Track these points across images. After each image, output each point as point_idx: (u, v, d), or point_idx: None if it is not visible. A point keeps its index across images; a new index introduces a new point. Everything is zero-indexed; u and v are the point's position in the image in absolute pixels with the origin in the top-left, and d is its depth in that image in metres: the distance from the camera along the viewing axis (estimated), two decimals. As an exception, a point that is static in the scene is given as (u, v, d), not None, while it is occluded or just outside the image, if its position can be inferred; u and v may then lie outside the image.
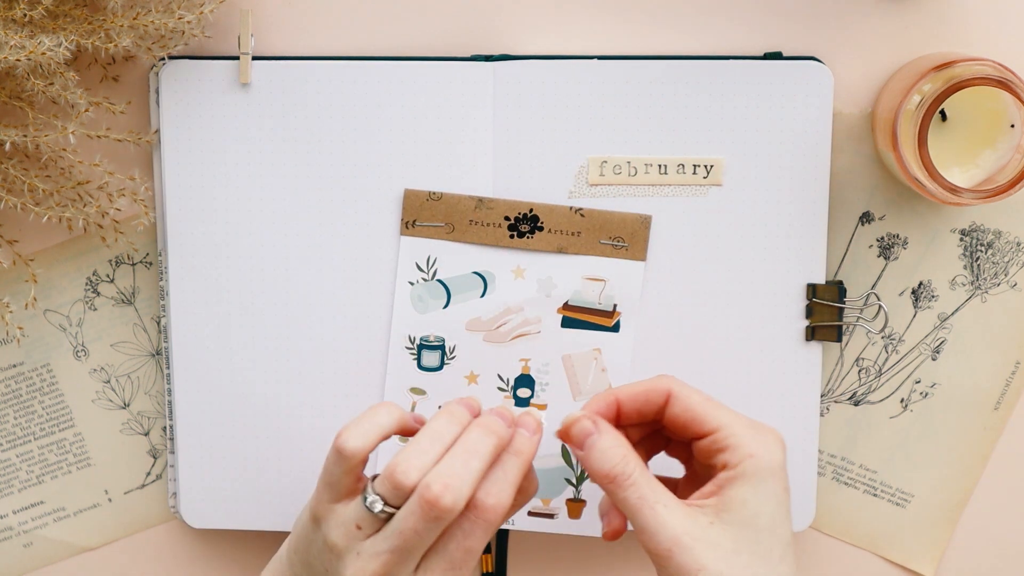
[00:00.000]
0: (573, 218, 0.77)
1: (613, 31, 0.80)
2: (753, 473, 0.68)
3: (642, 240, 0.77)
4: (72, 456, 0.83)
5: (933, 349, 0.82)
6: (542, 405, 0.79)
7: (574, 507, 0.80)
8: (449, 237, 0.77)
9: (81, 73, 0.79)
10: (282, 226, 0.80)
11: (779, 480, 0.69)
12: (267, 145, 0.79)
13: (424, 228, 0.75)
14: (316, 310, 0.80)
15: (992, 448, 0.83)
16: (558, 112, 0.79)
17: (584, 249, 0.78)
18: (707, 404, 0.70)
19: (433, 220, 0.76)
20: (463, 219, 0.77)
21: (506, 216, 0.77)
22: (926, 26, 0.80)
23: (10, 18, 0.73)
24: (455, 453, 0.67)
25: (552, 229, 0.77)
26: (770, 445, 0.69)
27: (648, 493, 0.68)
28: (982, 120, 0.76)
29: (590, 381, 0.79)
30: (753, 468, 0.68)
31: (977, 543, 0.84)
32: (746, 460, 0.68)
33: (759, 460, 0.68)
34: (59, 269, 0.82)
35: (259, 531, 0.84)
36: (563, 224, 0.77)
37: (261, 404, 0.81)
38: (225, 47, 0.80)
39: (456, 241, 0.78)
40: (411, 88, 0.78)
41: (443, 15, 0.80)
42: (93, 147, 0.80)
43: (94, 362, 0.83)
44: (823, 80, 0.78)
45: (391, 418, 0.69)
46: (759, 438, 0.69)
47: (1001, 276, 0.82)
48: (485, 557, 0.84)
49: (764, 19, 0.80)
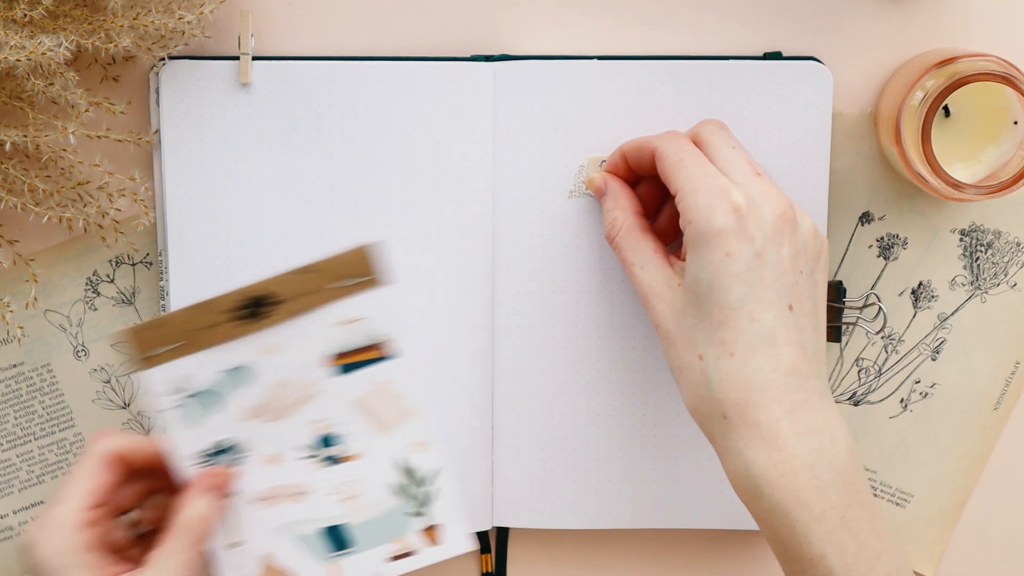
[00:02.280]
0: (300, 279, 0.74)
1: (613, 31, 0.80)
2: (691, 240, 0.70)
3: (377, 267, 0.74)
4: (72, 456, 0.83)
5: (933, 349, 0.82)
6: (353, 455, 0.76)
7: (430, 534, 0.77)
8: (189, 351, 0.74)
9: (81, 73, 0.79)
10: (282, 226, 0.80)
11: (718, 245, 0.69)
12: (267, 145, 0.79)
13: (160, 355, 0.74)
14: (316, 310, 0.80)
15: (992, 448, 0.83)
16: (558, 112, 0.79)
17: (326, 299, 0.74)
18: (677, 166, 0.72)
19: (166, 343, 0.74)
20: (193, 329, 0.74)
21: (233, 308, 0.73)
22: (926, 26, 0.80)
23: (10, 18, 0.73)
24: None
25: (286, 298, 0.74)
26: (710, 209, 0.69)
27: (627, 255, 0.74)
28: (985, 116, 0.76)
29: (394, 411, 0.76)
30: (691, 235, 0.70)
31: (977, 543, 0.84)
32: (687, 227, 0.70)
33: (694, 227, 0.69)
34: (59, 269, 0.82)
35: (259, 531, 0.84)
36: (294, 288, 0.74)
37: (261, 404, 0.81)
38: (225, 47, 0.80)
39: (198, 351, 0.74)
40: (411, 88, 0.78)
41: (443, 15, 0.80)
42: (93, 147, 0.80)
43: (94, 362, 0.83)
44: (823, 80, 0.78)
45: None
46: (702, 202, 0.69)
47: (1001, 276, 0.82)
48: (485, 557, 0.84)
49: (764, 19, 0.80)
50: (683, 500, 0.81)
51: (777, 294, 0.69)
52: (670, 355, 0.71)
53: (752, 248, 0.69)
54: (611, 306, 0.80)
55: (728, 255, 0.68)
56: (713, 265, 0.69)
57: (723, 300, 0.69)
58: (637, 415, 0.81)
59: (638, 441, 0.81)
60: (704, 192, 0.69)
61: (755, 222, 0.69)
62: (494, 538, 0.84)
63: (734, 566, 0.84)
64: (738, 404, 0.68)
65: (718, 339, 0.69)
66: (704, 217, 0.69)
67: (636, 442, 0.81)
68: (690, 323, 0.70)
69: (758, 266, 0.69)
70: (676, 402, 0.80)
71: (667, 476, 0.81)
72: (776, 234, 0.69)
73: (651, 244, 0.74)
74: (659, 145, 0.73)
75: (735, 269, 0.68)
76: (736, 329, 0.68)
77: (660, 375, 0.80)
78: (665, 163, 0.72)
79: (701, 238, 0.69)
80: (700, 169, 0.71)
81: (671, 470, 0.81)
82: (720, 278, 0.69)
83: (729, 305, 0.69)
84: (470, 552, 0.83)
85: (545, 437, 0.81)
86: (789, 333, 0.69)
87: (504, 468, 0.81)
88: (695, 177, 0.70)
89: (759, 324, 0.68)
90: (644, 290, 0.73)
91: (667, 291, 0.72)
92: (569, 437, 0.81)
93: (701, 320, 0.69)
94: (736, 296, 0.68)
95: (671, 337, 0.71)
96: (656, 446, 0.81)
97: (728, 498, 0.81)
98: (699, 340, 0.69)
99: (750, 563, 0.84)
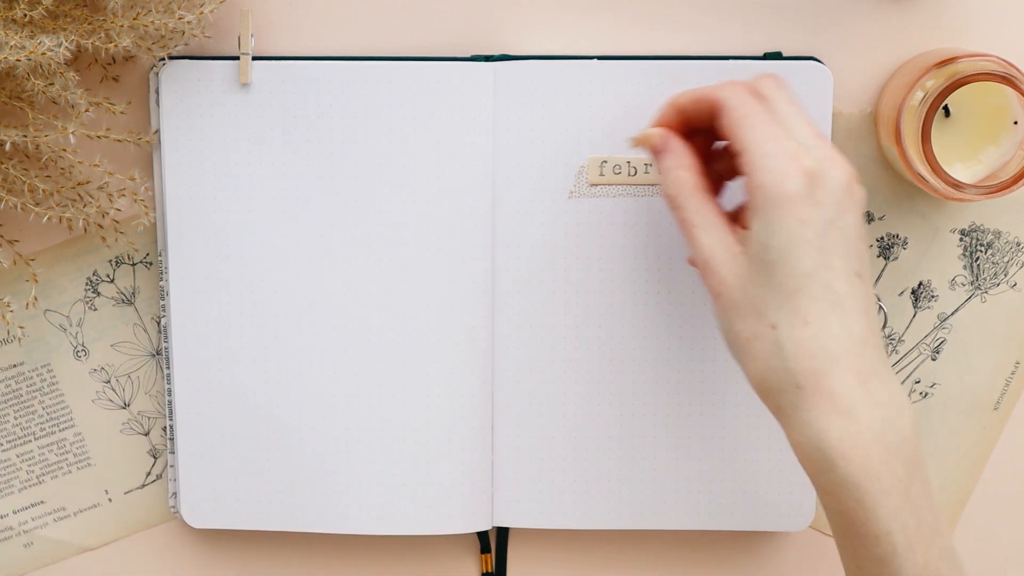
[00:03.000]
0: None
1: (613, 31, 0.80)
2: (761, 205, 0.67)
3: None
4: (72, 456, 0.83)
5: (933, 349, 0.82)
6: None
7: None
8: None
9: (81, 73, 0.79)
10: (282, 226, 0.80)
11: (791, 212, 0.67)
12: (267, 145, 0.79)
13: None
14: (316, 310, 0.80)
15: (992, 448, 0.83)
16: (558, 112, 0.79)
17: None
18: (743, 122, 0.69)
19: None
20: None
21: None
22: (926, 26, 0.80)
23: (10, 18, 0.73)
24: None
25: None
26: (783, 173, 0.67)
27: (690, 216, 0.70)
28: (985, 116, 0.76)
29: None
30: (760, 199, 0.67)
31: (977, 543, 0.84)
32: (755, 191, 0.67)
33: (765, 191, 0.67)
34: (59, 269, 0.82)
35: (259, 531, 0.84)
36: None
37: (261, 404, 0.81)
38: (225, 47, 0.80)
39: None
40: (411, 88, 0.78)
41: (443, 15, 0.80)
42: (93, 147, 0.80)
43: (94, 362, 0.83)
44: (823, 80, 0.78)
45: None
46: (772, 165, 0.67)
47: (1001, 276, 0.82)
48: (485, 557, 0.84)
49: (764, 19, 0.80)
50: (683, 500, 0.81)
51: (846, 261, 0.67)
52: (734, 325, 0.69)
53: (823, 215, 0.67)
54: (611, 306, 0.80)
55: (802, 222, 0.67)
56: (786, 231, 0.67)
57: (796, 268, 0.67)
58: (637, 415, 0.81)
59: (638, 441, 0.81)
60: (773, 155, 0.67)
61: (824, 188, 0.67)
62: (494, 538, 0.84)
63: (734, 566, 0.84)
64: (813, 373, 0.67)
65: (791, 307, 0.67)
66: (775, 181, 0.67)
67: (636, 442, 0.81)
68: (758, 291, 0.68)
69: (830, 232, 0.67)
70: (676, 402, 0.80)
71: (667, 476, 0.81)
72: (845, 199, 0.67)
73: (714, 207, 0.71)
74: (724, 97, 0.70)
75: (808, 236, 0.67)
76: (810, 297, 0.67)
77: (660, 375, 0.80)
78: (730, 117, 0.69)
79: (772, 203, 0.67)
80: (769, 129, 0.68)
81: (671, 470, 0.81)
82: (794, 245, 0.67)
83: (803, 272, 0.67)
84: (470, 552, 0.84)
85: (545, 437, 0.81)
86: (858, 301, 0.67)
87: (504, 468, 0.81)
88: (764, 137, 0.68)
89: (832, 292, 0.67)
90: (705, 254, 0.69)
91: (730, 258, 0.69)
92: (569, 437, 0.81)
93: (771, 289, 0.67)
94: (810, 264, 0.67)
95: (736, 306, 0.69)
96: (656, 446, 0.81)
97: (728, 499, 0.81)
98: (770, 309, 0.67)
99: (750, 563, 0.84)
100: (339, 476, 0.81)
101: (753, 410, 0.80)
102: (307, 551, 0.85)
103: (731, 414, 0.80)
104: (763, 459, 0.81)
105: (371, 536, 0.84)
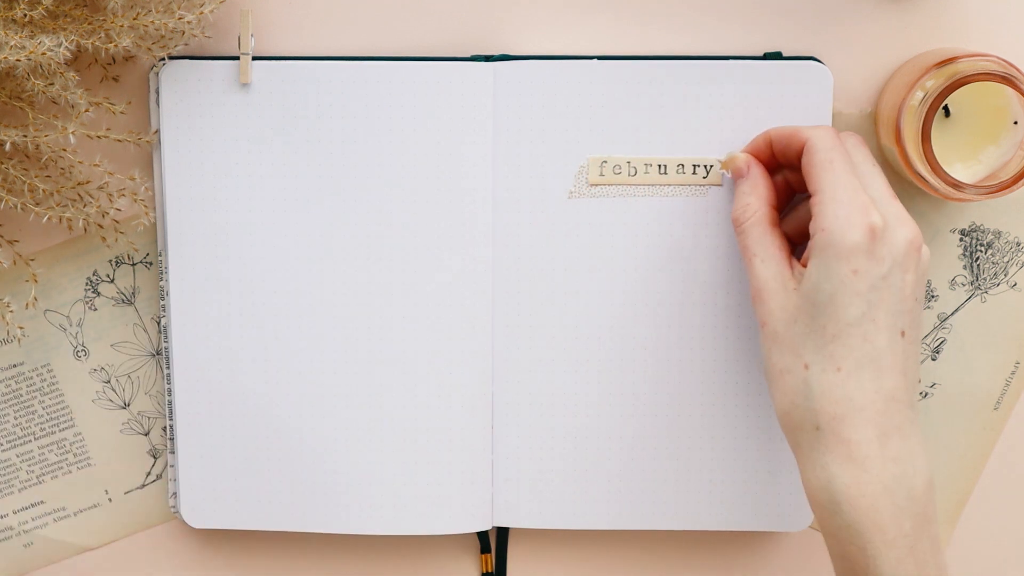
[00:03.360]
0: None
1: (613, 31, 0.80)
2: (821, 248, 0.69)
3: None
4: (72, 456, 0.83)
5: (933, 349, 0.82)
6: None
7: None
8: None
9: (81, 73, 0.79)
10: (282, 226, 0.80)
11: (847, 261, 0.68)
12: (267, 145, 0.79)
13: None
14: (316, 309, 0.80)
15: (992, 448, 0.83)
16: (558, 112, 0.79)
17: None
18: (825, 165, 0.71)
19: None
20: None
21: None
22: (926, 26, 0.80)
23: (10, 18, 0.73)
24: None
25: None
26: (848, 222, 0.68)
27: (751, 244, 0.73)
28: (985, 116, 0.76)
29: None
30: (822, 243, 0.69)
31: (977, 543, 0.84)
32: (818, 233, 0.69)
33: (828, 235, 0.69)
34: (59, 269, 0.82)
35: (259, 531, 0.84)
36: None
37: (261, 404, 0.81)
38: (225, 47, 0.80)
39: None
40: (411, 88, 0.78)
41: (443, 15, 0.80)
42: (93, 147, 0.80)
43: (94, 362, 0.83)
44: (823, 80, 0.78)
45: None
46: (841, 213, 0.69)
47: (1001, 276, 0.82)
48: (485, 557, 0.84)
49: (764, 19, 0.80)
50: (683, 500, 0.81)
51: (893, 318, 0.69)
52: (772, 356, 0.71)
53: (880, 270, 0.69)
54: (611, 306, 0.80)
55: (856, 273, 0.68)
56: (838, 278, 0.68)
57: (841, 315, 0.69)
58: (637, 415, 0.81)
59: (638, 441, 0.81)
60: (845, 203, 0.69)
61: (887, 245, 0.69)
62: (494, 538, 0.84)
63: (734, 566, 0.84)
64: (833, 418, 0.69)
65: (828, 352, 0.69)
66: (840, 228, 0.69)
67: (636, 442, 0.81)
68: (801, 329, 0.70)
69: (881, 287, 0.69)
70: (676, 402, 0.80)
71: (667, 476, 0.81)
72: (905, 259, 0.69)
73: (777, 240, 0.73)
74: (812, 138, 0.72)
75: (859, 287, 0.68)
76: (848, 346, 0.69)
77: (660, 375, 0.80)
78: (813, 158, 0.71)
79: (831, 249, 0.69)
80: (846, 178, 0.70)
81: (671, 470, 0.81)
82: (842, 293, 0.68)
83: (846, 321, 0.68)
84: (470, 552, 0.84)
85: (545, 437, 0.81)
86: (896, 358, 0.69)
87: (504, 468, 0.81)
88: (840, 184, 0.70)
89: (871, 345, 0.69)
90: (759, 284, 0.72)
91: (781, 291, 0.71)
92: (569, 437, 0.81)
93: (814, 329, 0.69)
94: (855, 314, 0.68)
95: (778, 338, 0.71)
96: (656, 446, 0.81)
97: (728, 499, 0.81)
98: (807, 348, 0.69)
99: (750, 563, 0.84)
100: (339, 476, 0.81)
101: (753, 410, 0.80)
102: (307, 551, 0.85)
103: (731, 414, 0.80)
104: (763, 459, 0.81)
105: (371, 536, 0.84)
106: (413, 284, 0.80)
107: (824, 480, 0.69)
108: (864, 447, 0.68)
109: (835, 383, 0.69)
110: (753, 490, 0.81)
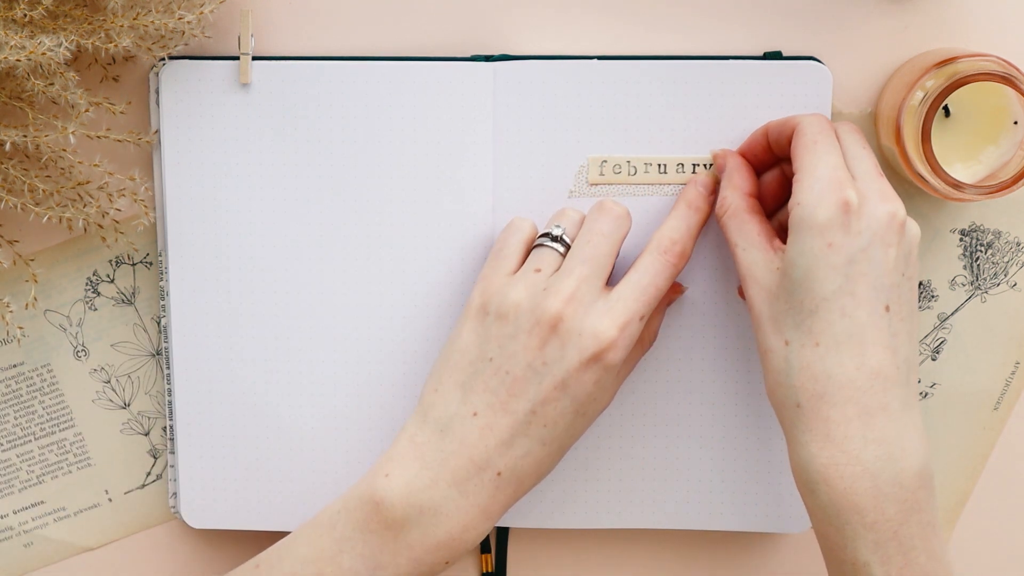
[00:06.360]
0: None
1: (613, 31, 0.80)
2: (796, 223, 0.69)
3: None
4: (72, 456, 0.83)
5: (933, 349, 0.82)
6: None
7: None
8: None
9: (81, 73, 0.79)
10: (282, 226, 0.80)
11: (821, 235, 0.68)
12: (267, 145, 0.79)
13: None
14: (316, 309, 0.80)
15: (992, 448, 0.83)
16: (558, 112, 0.79)
17: None
18: (808, 146, 0.71)
19: None
20: None
21: None
22: (926, 26, 0.80)
23: (10, 18, 0.73)
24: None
25: None
26: (821, 196, 0.68)
27: (731, 235, 0.73)
28: (985, 116, 0.76)
29: None
30: (796, 217, 0.69)
31: (977, 543, 0.84)
32: (794, 208, 0.69)
33: (801, 209, 0.69)
34: (59, 269, 0.82)
35: (259, 531, 0.84)
36: None
37: (261, 404, 0.81)
38: (225, 47, 0.80)
39: None
40: (411, 88, 0.78)
41: (443, 15, 0.80)
42: (93, 147, 0.80)
43: (94, 362, 0.83)
44: (823, 80, 0.78)
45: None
46: (816, 187, 0.69)
47: (1001, 276, 0.82)
48: (485, 557, 0.84)
49: (764, 19, 0.80)
50: (683, 500, 0.81)
51: (875, 292, 0.68)
52: (758, 337, 0.71)
53: (857, 243, 0.68)
54: (611, 306, 0.80)
55: (830, 246, 0.68)
56: (812, 252, 0.68)
57: (816, 289, 0.68)
58: (637, 415, 0.81)
59: (638, 441, 0.81)
60: (821, 179, 0.69)
61: (864, 219, 0.68)
62: (494, 538, 0.84)
63: (733, 566, 0.84)
64: (812, 395, 0.68)
65: (806, 327, 0.68)
66: (811, 204, 0.69)
67: (636, 442, 0.81)
68: (781, 307, 0.70)
69: (860, 260, 0.68)
70: (676, 402, 0.80)
71: (666, 476, 0.81)
72: (886, 233, 0.69)
73: (756, 226, 0.73)
74: (801, 121, 0.73)
75: (835, 261, 0.68)
76: (826, 320, 0.68)
77: (659, 374, 0.80)
78: (799, 140, 0.72)
79: (803, 224, 0.69)
80: (828, 156, 0.70)
81: (671, 470, 0.81)
82: (817, 267, 0.68)
83: (822, 295, 0.68)
84: (470, 552, 0.84)
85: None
86: (880, 334, 0.68)
87: (504, 468, 0.81)
88: (820, 162, 0.70)
89: (850, 320, 0.68)
90: (744, 271, 0.72)
91: (765, 274, 0.71)
92: (569, 437, 0.81)
93: (792, 306, 0.69)
94: (831, 287, 0.68)
95: (761, 319, 0.71)
96: (656, 446, 0.81)
97: (728, 499, 0.81)
98: (787, 325, 0.69)
99: (750, 564, 0.84)
100: (339, 476, 0.81)
101: (753, 410, 0.80)
102: (307, 551, 0.84)
103: (731, 414, 0.80)
104: (763, 459, 0.81)
105: (371, 536, 0.84)
106: (414, 284, 0.80)
107: (804, 459, 0.68)
108: (844, 426, 0.67)
109: (813, 359, 0.68)
110: (753, 491, 0.81)
